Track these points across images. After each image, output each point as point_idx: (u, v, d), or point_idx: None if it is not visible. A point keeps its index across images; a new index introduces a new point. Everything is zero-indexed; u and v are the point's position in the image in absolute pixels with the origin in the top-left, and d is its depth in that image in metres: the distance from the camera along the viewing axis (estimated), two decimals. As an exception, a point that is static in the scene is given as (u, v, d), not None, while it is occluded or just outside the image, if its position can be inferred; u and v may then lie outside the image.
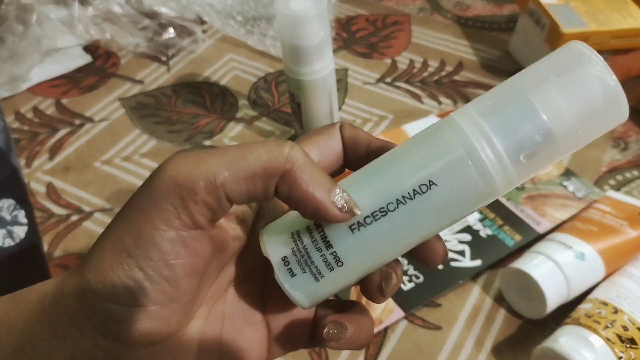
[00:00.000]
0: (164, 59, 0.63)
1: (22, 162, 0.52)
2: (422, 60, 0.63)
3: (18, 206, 0.38)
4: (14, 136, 0.54)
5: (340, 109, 0.57)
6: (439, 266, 0.43)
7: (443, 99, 0.58)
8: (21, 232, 0.37)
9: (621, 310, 0.36)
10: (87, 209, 0.48)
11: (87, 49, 0.64)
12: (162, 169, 0.18)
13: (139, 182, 0.50)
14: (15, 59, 0.59)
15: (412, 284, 0.42)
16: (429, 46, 0.65)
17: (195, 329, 0.20)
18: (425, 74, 0.61)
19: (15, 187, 0.38)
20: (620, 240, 0.41)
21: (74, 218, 0.48)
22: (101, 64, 0.63)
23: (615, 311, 0.36)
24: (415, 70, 0.62)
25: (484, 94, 0.20)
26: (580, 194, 0.48)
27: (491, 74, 0.61)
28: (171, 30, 0.64)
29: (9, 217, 0.37)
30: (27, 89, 0.60)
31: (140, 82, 0.61)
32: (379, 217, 0.19)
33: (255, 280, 0.22)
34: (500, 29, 0.68)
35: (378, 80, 0.61)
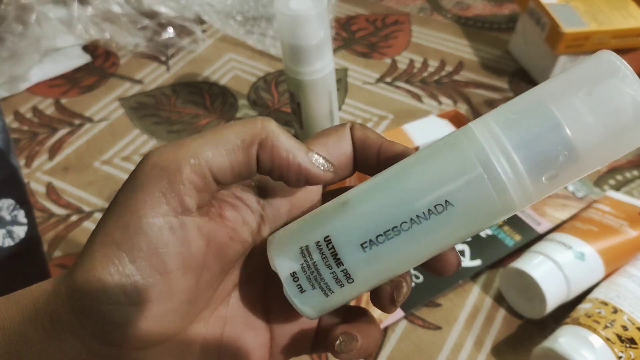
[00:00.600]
0: (164, 58, 0.63)
1: (22, 162, 0.52)
2: (422, 60, 0.63)
3: (18, 206, 0.38)
4: (13, 136, 0.54)
5: (340, 108, 0.57)
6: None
7: (443, 99, 0.58)
8: (21, 232, 0.37)
9: (621, 310, 0.36)
10: (87, 209, 0.48)
11: (87, 48, 0.64)
12: (144, 159, 0.19)
13: (139, 182, 0.50)
14: (14, 59, 0.59)
15: (412, 283, 0.42)
16: (429, 46, 0.65)
17: (194, 333, 0.20)
18: (425, 73, 0.61)
19: (15, 187, 0.38)
20: (620, 240, 0.41)
21: (74, 218, 0.48)
22: (100, 64, 0.63)
23: (615, 311, 0.36)
24: (415, 70, 0.62)
25: (506, 102, 0.19)
26: (580, 194, 0.48)
27: (491, 74, 0.61)
28: (171, 30, 0.64)
29: (8, 217, 0.37)
30: (26, 89, 0.60)
31: (140, 82, 0.61)
32: (392, 237, 0.18)
33: (259, 285, 0.22)
34: (500, 28, 0.68)
35: (378, 80, 0.61)
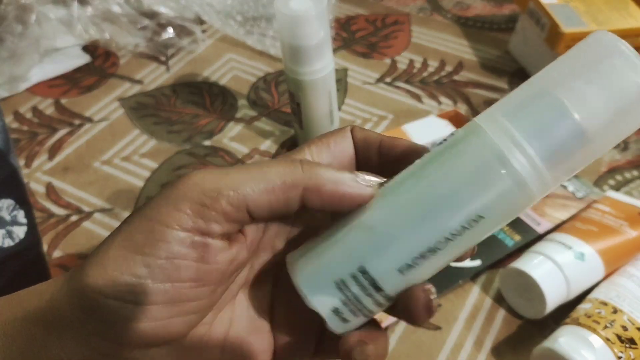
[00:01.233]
0: (164, 58, 0.63)
1: (22, 162, 0.52)
2: (421, 60, 0.63)
3: (17, 206, 0.38)
4: (13, 136, 0.54)
5: (339, 109, 0.57)
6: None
7: (443, 99, 0.58)
8: (21, 232, 0.37)
9: (621, 310, 0.36)
10: (86, 209, 0.48)
11: (86, 48, 0.64)
12: (187, 177, 0.19)
13: (139, 182, 0.50)
14: (14, 59, 0.59)
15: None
16: (429, 46, 0.65)
17: (198, 335, 0.20)
18: (425, 73, 0.61)
19: (15, 187, 0.38)
20: (619, 240, 0.41)
21: (74, 218, 0.48)
22: (100, 64, 0.63)
23: (615, 311, 0.36)
24: (415, 70, 0.62)
25: (510, 93, 0.19)
26: (580, 194, 0.48)
27: (491, 74, 0.61)
28: (170, 30, 0.64)
29: (8, 218, 0.37)
30: (26, 89, 0.60)
31: (140, 82, 0.61)
32: (428, 257, 0.19)
33: (265, 286, 0.22)
34: (500, 28, 0.68)
35: (378, 80, 0.61)
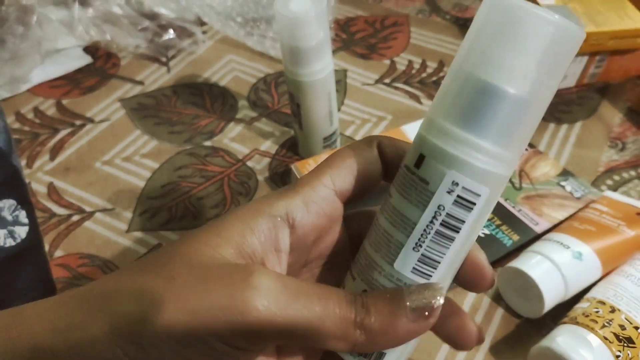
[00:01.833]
0: (164, 60, 0.64)
1: (23, 163, 0.53)
2: (420, 61, 0.63)
3: (19, 206, 0.38)
4: (15, 137, 0.55)
5: (339, 109, 0.58)
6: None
7: (442, 100, 0.59)
8: (22, 232, 0.37)
9: (618, 310, 0.37)
10: (88, 209, 0.49)
11: (88, 50, 0.64)
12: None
13: (140, 182, 0.50)
14: (15, 60, 0.59)
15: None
16: (428, 47, 0.65)
17: None
18: (423, 74, 0.62)
19: (17, 187, 0.38)
20: (617, 240, 0.41)
21: (75, 218, 0.48)
22: (101, 65, 0.63)
23: (613, 310, 0.37)
24: (413, 71, 0.62)
25: (440, 91, 0.19)
26: (577, 194, 0.48)
27: (490, 75, 0.62)
28: (171, 31, 0.64)
29: (10, 218, 0.37)
30: (27, 90, 0.60)
31: (141, 83, 0.61)
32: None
33: None
34: (498, 30, 0.68)
35: (377, 81, 0.61)
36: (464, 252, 0.21)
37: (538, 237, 0.45)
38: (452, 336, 0.22)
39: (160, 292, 0.18)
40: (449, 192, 0.19)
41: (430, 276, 0.20)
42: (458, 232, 0.19)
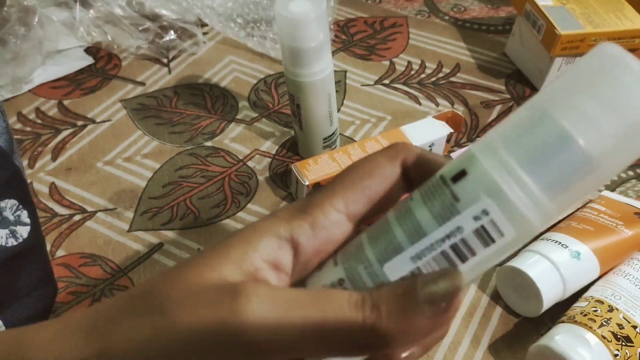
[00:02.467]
0: (165, 60, 0.64)
1: (25, 163, 0.53)
2: (419, 62, 0.64)
3: (21, 206, 0.38)
4: (16, 137, 0.55)
5: (339, 110, 0.58)
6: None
7: (440, 100, 0.59)
8: (24, 232, 0.37)
9: (616, 309, 0.37)
10: (89, 208, 0.49)
11: (89, 50, 0.65)
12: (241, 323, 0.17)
13: (141, 182, 0.51)
14: (17, 61, 0.59)
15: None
16: (427, 48, 0.66)
17: None
18: (422, 75, 0.62)
19: (18, 187, 0.38)
20: (615, 239, 0.41)
21: (77, 218, 0.48)
22: (102, 66, 0.63)
23: (611, 309, 0.37)
24: (413, 72, 0.62)
25: (509, 118, 0.18)
26: (576, 194, 0.48)
27: (488, 76, 0.62)
28: (172, 32, 0.65)
29: (12, 217, 0.37)
30: (29, 90, 0.60)
31: (142, 83, 0.61)
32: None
33: None
34: (497, 31, 0.69)
35: (376, 82, 0.61)
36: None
37: (536, 236, 0.45)
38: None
39: (155, 326, 0.17)
40: (475, 219, 0.17)
41: None
42: (463, 262, 0.18)
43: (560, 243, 0.40)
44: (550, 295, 0.39)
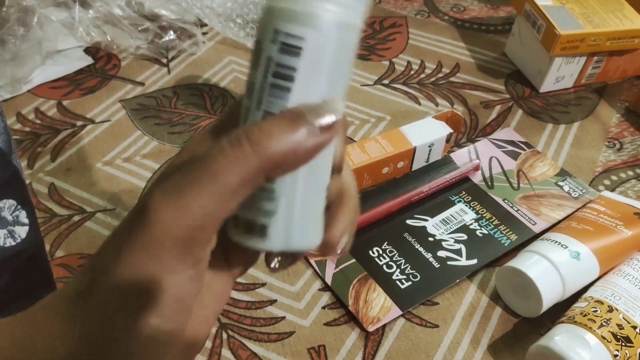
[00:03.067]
0: (165, 60, 0.64)
1: (24, 163, 0.53)
2: (419, 62, 0.64)
3: (19, 207, 0.38)
4: (16, 137, 0.55)
5: (338, 110, 0.58)
6: (436, 265, 0.43)
7: (440, 100, 0.59)
8: (22, 232, 0.37)
9: (616, 309, 0.37)
10: (88, 209, 0.49)
11: (88, 50, 0.65)
12: (150, 217, 0.17)
13: (140, 182, 0.51)
14: (16, 61, 0.59)
15: (410, 282, 0.42)
16: (426, 48, 0.66)
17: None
18: (422, 75, 0.62)
19: (17, 187, 0.38)
20: (614, 239, 0.41)
21: (76, 218, 0.48)
22: (102, 66, 0.63)
23: (611, 310, 0.37)
24: (412, 72, 0.62)
25: None
26: (575, 194, 0.48)
27: (487, 76, 0.62)
28: (171, 32, 0.65)
29: (10, 218, 0.37)
30: (28, 91, 0.60)
31: (141, 83, 0.61)
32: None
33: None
34: (496, 31, 0.69)
35: (376, 82, 0.61)
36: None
37: (536, 236, 0.45)
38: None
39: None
40: (272, 42, 0.18)
41: None
42: (293, 82, 0.18)
43: (559, 243, 0.40)
44: (549, 296, 0.39)
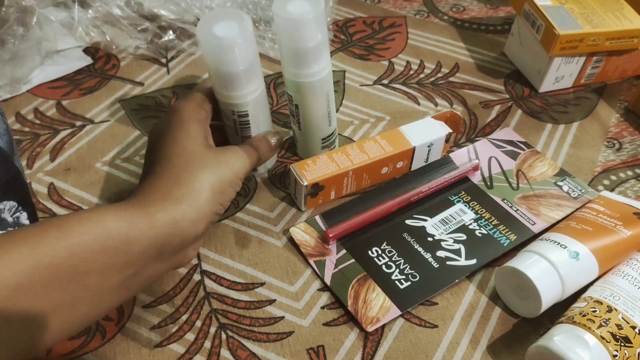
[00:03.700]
0: (164, 61, 0.64)
1: (24, 163, 0.53)
2: (418, 62, 0.64)
3: (20, 208, 0.38)
4: (15, 137, 0.55)
5: (337, 110, 0.58)
6: (435, 265, 0.43)
7: (439, 100, 0.59)
8: (23, 232, 0.37)
9: (615, 309, 0.37)
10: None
11: (87, 51, 0.65)
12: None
13: (139, 183, 0.51)
14: (15, 61, 0.59)
15: (409, 282, 0.42)
16: (426, 48, 0.66)
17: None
18: (421, 75, 0.62)
19: (18, 189, 0.38)
20: (614, 239, 0.41)
21: (75, 219, 0.48)
22: (101, 66, 0.63)
23: (610, 310, 0.37)
24: (412, 72, 0.62)
25: None
26: (574, 194, 0.49)
27: (487, 76, 0.62)
28: (171, 32, 0.65)
29: (10, 219, 0.37)
30: (27, 91, 0.60)
31: (141, 83, 0.61)
32: None
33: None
34: (496, 31, 0.69)
35: (375, 82, 0.61)
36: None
37: (535, 236, 0.45)
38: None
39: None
40: (232, 114, 0.40)
41: None
42: (249, 125, 0.38)
43: (559, 243, 0.41)
44: (549, 296, 0.39)
